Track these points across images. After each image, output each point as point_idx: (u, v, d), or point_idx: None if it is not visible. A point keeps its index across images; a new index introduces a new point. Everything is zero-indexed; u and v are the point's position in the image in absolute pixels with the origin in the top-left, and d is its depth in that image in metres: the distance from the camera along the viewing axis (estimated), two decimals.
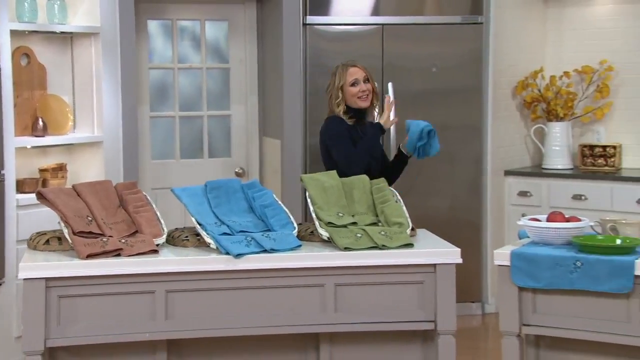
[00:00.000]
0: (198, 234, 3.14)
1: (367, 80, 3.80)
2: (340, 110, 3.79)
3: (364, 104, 3.79)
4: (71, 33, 4.45)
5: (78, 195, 3.12)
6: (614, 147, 5.37)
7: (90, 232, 3.02)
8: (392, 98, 3.81)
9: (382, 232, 3.15)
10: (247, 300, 3.00)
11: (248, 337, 3.05)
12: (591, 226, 3.19)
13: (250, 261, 3.00)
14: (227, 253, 3.00)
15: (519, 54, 5.51)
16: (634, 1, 5.35)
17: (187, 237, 3.16)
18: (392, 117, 3.79)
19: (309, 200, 3.27)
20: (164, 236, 3.12)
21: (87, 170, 4.51)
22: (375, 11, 5.11)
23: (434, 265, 3.08)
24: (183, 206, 3.18)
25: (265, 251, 3.03)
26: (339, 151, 3.72)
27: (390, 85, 4.94)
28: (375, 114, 3.94)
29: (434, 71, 5.15)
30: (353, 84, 3.78)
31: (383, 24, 5.07)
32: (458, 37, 5.16)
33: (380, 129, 3.75)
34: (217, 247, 3.03)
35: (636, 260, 2.86)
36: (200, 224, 3.10)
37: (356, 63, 3.85)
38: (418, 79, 5.15)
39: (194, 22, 5.23)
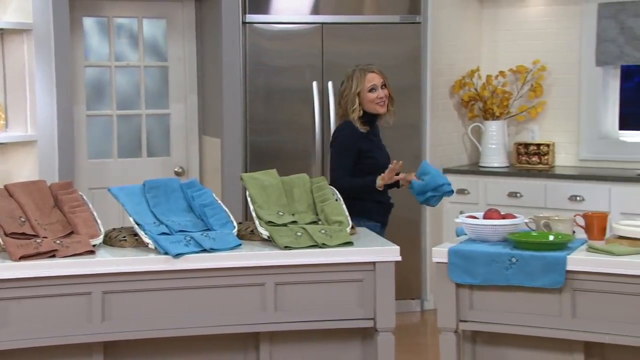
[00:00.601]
0: (136, 234, 3.10)
1: (384, 85, 3.75)
2: (355, 116, 3.72)
3: (382, 109, 3.74)
4: (2, 29, 4.35)
5: (10, 195, 3.05)
6: (548, 146, 5.51)
7: (23, 234, 2.95)
8: (397, 163, 3.67)
9: (322, 231, 3.16)
10: (186, 301, 2.98)
11: (187, 338, 3.03)
12: (526, 223, 3.27)
13: (190, 261, 2.98)
14: (166, 253, 2.97)
15: (456, 54, 5.60)
16: (565, 3, 5.49)
17: (124, 237, 3.12)
18: (393, 177, 3.66)
19: (249, 199, 3.27)
20: (101, 237, 3.08)
21: (21, 170, 4.41)
22: (315, 10, 5.13)
23: (374, 263, 3.10)
24: (121, 206, 3.13)
25: (204, 251, 3.01)
26: (337, 166, 3.74)
27: (330, 83, 4.97)
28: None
29: None
30: (371, 90, 3.72)
31: (323, 23, 5.09)
32: (397, 36, 5.22)
33: (374, 189, 3.69)
34: (155, 247, 3.00)
35: (568, 256, 2.94)
36: (138, 224, 3.06)
37: (374, 68, 3.78)
38: None
39: (131, 19, 5.16)
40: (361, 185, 3.71)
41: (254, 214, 3.22)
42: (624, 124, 5.48)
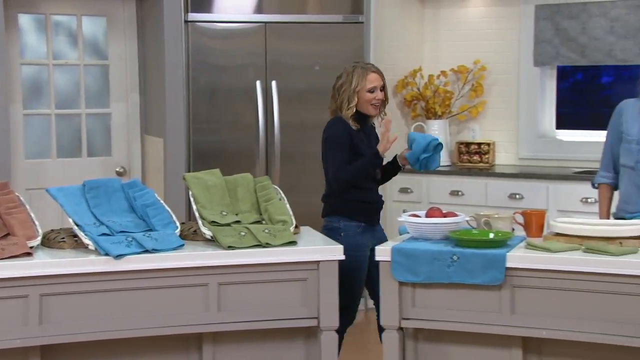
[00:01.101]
0: (75, 236, 3.05)
1: (382, 88, 3.69)
2: (349, 114, 3.67)
3: (374, 112, 3.68)
4: None
5: None
6: (488, 145, 5.60)
7: None
8: (387, 119, 3.62)
9: (266, 230, 3.16)
10: (127, 302, 2.95)
11: (128, 340, 2.99)
12: (467, 221, 3.32)
13: (131, 262, 2.95)
14: (107, 254, 2.93)
15: (398, 53, 5.65)
16: (504, 4, 5.59)
17: (63, 238, 3.07)
18: (390, 138, 3.57)
19: (191, 199, 3.25)
20: (39, 238, 3.01)
21: None
22: (258, 9, 5.11)
23: (317, 262, 3.11)
24: (60, 207, 3.08)
25: (146, 251, 2.98)
26: (334, 160, 3.64)
27: (273, 82, 4.96)
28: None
29: (316, 69, 5.20)
30: (370, 91, 3.65)
31: (266, 22, 5.08)
32: (340, 35, 5.24)
33: (377, 156, 3.59)
34: (96, 248, 2.96)
35: (507, 253, 3.00)
36: (78, 225, 3.01)
37: (375, 69, 3.72)
38: (301, 77, 5.19)
39: (69, 17, 5.07)
40: (361, 164, 3.60)
41: (197, 214, 3.20)
42: (561, 124, 5.61)
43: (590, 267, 2.89)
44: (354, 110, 3.66)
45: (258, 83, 5.05)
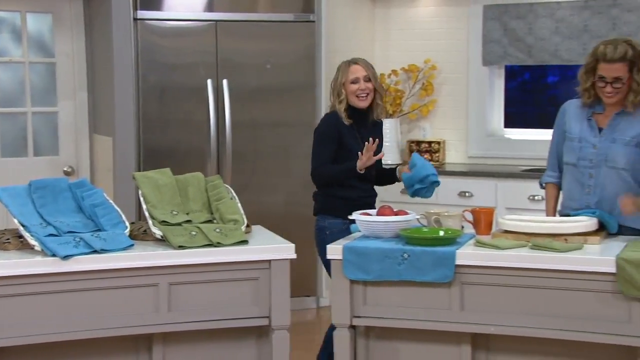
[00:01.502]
0: (21, 236, 2.99)
1: (368, 79, 3.68)
2: (342, 108, 3.67)
3: (361, 103, 3.67)
4: None
5: None
6: (438, 143, 5.66)
7: None
8: (372, 143, 3.54)
9: (217, 230, 3.14)
10: (76, 303, 2.90)
11: (77, 342, 2.95)
12: (417, 219, 3.35)
13: (79, 262, 2.90)
14: (54, 255, 2.88)
15: (350, 52, 5.63)
16: (453, 4, 5.65)
17: (8, 239, 3.01)
18: (372, 157, 3.54)
19: (141, 198, 3.21)
20: None
21: None
22: (209, 7, 5.08)
23: (269, 261, 3.10)
24: (4, 207, 3.01)
25: (95, 252, 2.94)
26: (316, 154, 3.66)
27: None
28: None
29: (268, 68, 5.19)
30: (353, 82, 3.67)
31: (217, 20, 5.05)
32: (291, 34, 5.24)
33: (353, 170, 3.57)
34: (42, 249, 2.90)
35: (457, 251, 3.04)
36: (23, 225, 2.96)
37: (359, 61, 3.73)
38: (253, 76, 5.18)
39: (13, 13, 4.96)
40: (339, 171, 3.62)
41: (147, 214, 3.17)
42: (509, 122, 5.70)
43: (536, 263, 2.94)
44: (346, 104, 3.67)
45: (209, 81, 5.02)
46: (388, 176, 3.81)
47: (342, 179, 3.64)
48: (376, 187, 3.84)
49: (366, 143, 3.55)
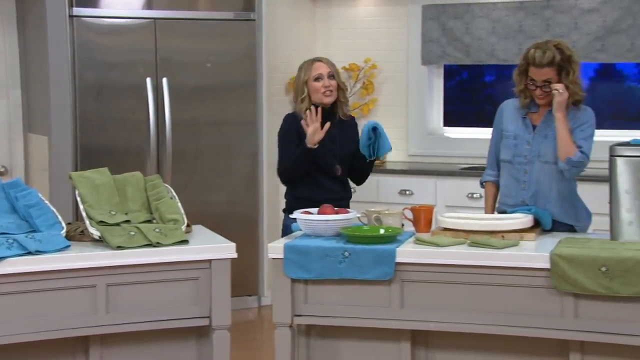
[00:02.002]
0: None
1: (332, 76, 3.68)
2: (303, 107, 3.65)
3: (327, 99, 3.66)
4: None
5: None
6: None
7: None
8: (313, 112, 3.57)
9: (157, 230, 3.11)
10: (10, 306, 2.84)
11: (12, 346, 2.88)
12: (358, 217, 3.36)
13: (13, 264, 2.84)
14: None
15: (291, 51, 5.67)
16: (392, 3, 5.70)
17: None
18: (318, 129, 3.55)
19: (78, 198, 3.16)
20: None
21: None
22: (148, 5, 5.02)
23: (209, 261, 3.08)
24: None
25: (29, 253, 2.88)
26: (279, 154, 3.70)
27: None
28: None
29: (208, 66, 5.16)
30: (317, 79, 3.65)
31: (155, 18, 4.99)
32: (231, 33, 5.21)
33: (305, 148, 3.58)
34: None
35: (397, 249, 3.06)
36: None
37: (321, 58, 3.73)
38: (193, 74, 5.13)
39: None
40: (296, 155, 3.62)
41: (84, 214, 3.12)
42: (448, 121, 5.77)
43: (474, 260, 2.99)
44: (309, 104, 3.66)
45: (148, 80, 4.96)
46: (359, 163, 3.78)
47: (301, 163, 3.63)
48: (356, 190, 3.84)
49: (307, 112, 3.56)
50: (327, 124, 3.58)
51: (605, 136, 3.53)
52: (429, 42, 5.56)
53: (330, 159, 3.69)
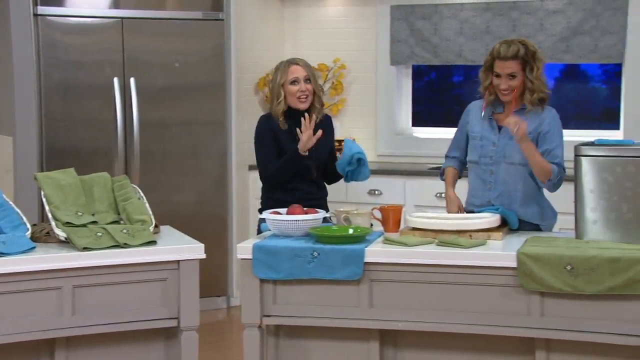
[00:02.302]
0: None
1: (308, 80, 3.63)
2: (279, 110, 3.61)
3: (302, 105, 3.61)
4: None
5: None
6: None
7: None
8: (307, 120, 3.54)
9: (124, 230, 3.09)
10: None
11: None
12: (327, 217, 3.37)
13: None
14: None
15: (260, 51, 5.66)
16: (361, 4, 5.71)
17: None
18: (311, 136, 3.52)
19: (44, 199, 3.12)
20: None
21: None
22: (115, 4, 4.97)
23: (178, 261, 3.07)
24: None
25: None
26: (259, 157, 3.67)
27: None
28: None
29: (176, 66, 5.13)
30: (293, 82, 3.61)
31: (122, 17, 4.95)
32: (200, 32, 5.18)
33: (298, 154, 3.55)
34: None
35: (366, 248, 3.07)
36: None
37: (298, 61, 3.67)
38: (161, 74, 5.10)
39: None
40: (284, 161, 3.60)
41: (50, 215, 3.09)
42: (416, 121, 5.80)
43: (442, 259, 3.01)
44: (285, 107, 3.63)
45: (116, 80, 4.92)
46: (331, 171, 3.79)
47: (289, 169, 3.62)
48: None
49: (302, 119, 3.53)
50: (320, 132, 3.56)
51: (570, 136, 3.57)
52: (398, 43, 5.58)
53: (308, 162, 3.67)
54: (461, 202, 3.52)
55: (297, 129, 3.56)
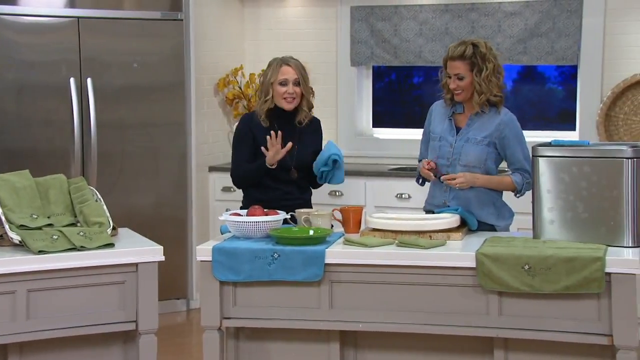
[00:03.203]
0: None
1: (298, 83, 3.63)
2: (265, 107, 3.61)
3: (287, 105, 3.62)
4: None
5: None
6: None
7: None
8: (273, 137, 3.54)
9: (81, 233, 3.06)
10: None
11: None
12: (288, 219, 3.36)
13: None
14: None
15: (219, 52, 5.63)
16: (321, 4, 5.72)
17: None
18: (279, 150, 3.52)
19: None
20: None
21: None
22: (71, 3, 4.90)
23: (136, 264, 3.05)
24: None
25: None
26: (232, 157, 3.69)
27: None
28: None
29: (135, 67, 5.08)
30: (282, 83, 3.60)
31: (79, 17, 4.88)
32: (159, 32, 5.14)
33: (263, 166, 3.57)
34: None
35: (326, 249, 3.07)
36: None
37: (291, 62, 3.66)
38: (119, 75, 5.04)
39: None
40: (252, 169, 3.62)
41: (3, 218, 3.05)
42: (377, 122, 5.83)
43: (402, 260, 3.03)
44: (271, 105, 3.63)
45: (72, 80, 4.85)
46: (313, 173, 3.77)
47: (256, 176, 3.64)
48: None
49: (268, 138, 3.54)
50: (289, 144, 3.57)
51: (527, 137, 3.61)
52: (358, 44, 5.60)
53: (288, 163, 3.66)
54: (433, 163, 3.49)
55: (268, 137, 3.55)
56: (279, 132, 3.56)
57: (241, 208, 3.72)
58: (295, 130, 3.68)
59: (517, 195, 3.48)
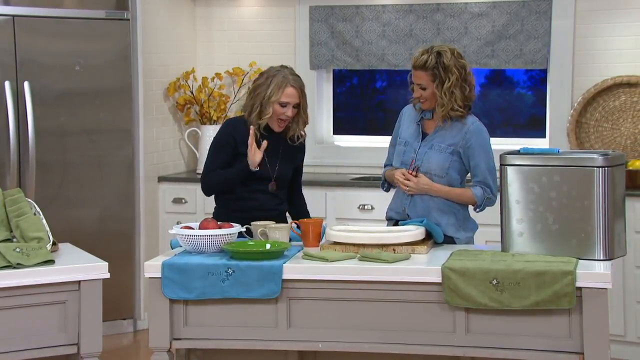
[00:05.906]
0: None
1: (297, 106, 3.64)
2: (262, 124, 3.61)
3: (277, 128, 3.65)
4: None
5: None
6: None
7: None
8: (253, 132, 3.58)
9: (18, 249, 3.03)
10: None
11: None
12: (243, 232, 3.37)
13: None
14: None
15: (170, 54, 5.62)
16: (279, 4, 5.74)
17: None
18: (257, 150, 3.57)
19: None
20: None
21: None
22: (5, 0, 4.85)
23: (78, 282, 3.04)
24: None
25: None
26: (206, 161, 3.71)
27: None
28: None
29: (77, 69, 5.05)
30: (282, 105, 3.60)
31: (14, 15, 4.83)
32: (103, 33, 5.12)
33: (245, 172, 3.60)
34: None
35: (284, 264, 3.08)
36: None
37: (295, 84, 3.64)
38: (60, 78, 5.00)
39: None
40: (231, 174, 3.63)
41: None
42: (338, 129, 5.85)
43: (364, 275, 3.05)
44: (268, 120, 3.65)
45: (7, 84, 4.80)
46: (290, 191, 3.84)
47: (235, 182, 3.65)
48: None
49: (249, 141, 3.58)
50: (264, 143, 3.60)
51: (496, 144, 3.66)
52: (317, 46, 5.63)
53: (268, 174, 3.69)
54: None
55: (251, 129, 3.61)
56: (264, 142, 3.60)
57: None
58: (280, 144, 3.72)
59: (477, 210, 3.52)
